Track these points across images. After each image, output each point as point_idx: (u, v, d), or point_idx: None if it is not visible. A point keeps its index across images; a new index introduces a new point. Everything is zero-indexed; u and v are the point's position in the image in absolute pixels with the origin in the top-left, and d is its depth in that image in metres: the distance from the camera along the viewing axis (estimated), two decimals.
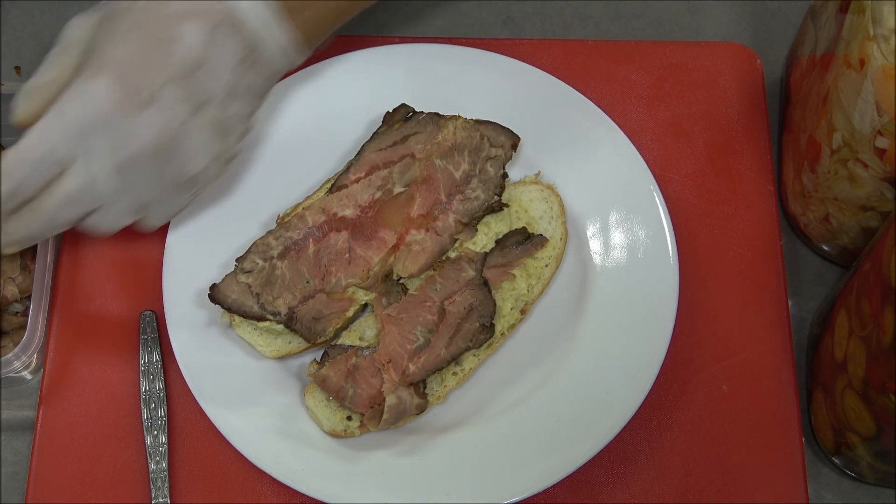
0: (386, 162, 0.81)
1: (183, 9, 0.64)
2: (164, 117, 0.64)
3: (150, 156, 0.65)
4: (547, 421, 0.77)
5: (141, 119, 0.64)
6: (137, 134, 0.64)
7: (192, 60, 0.64)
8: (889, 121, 0.67)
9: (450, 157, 0.81)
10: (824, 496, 0.80)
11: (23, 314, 0.81)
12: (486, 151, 0.81)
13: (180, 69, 0.64)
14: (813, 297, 0.85)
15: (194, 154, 0.67)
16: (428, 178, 0.80)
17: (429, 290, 0.78)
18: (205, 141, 0.67)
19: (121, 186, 0.66)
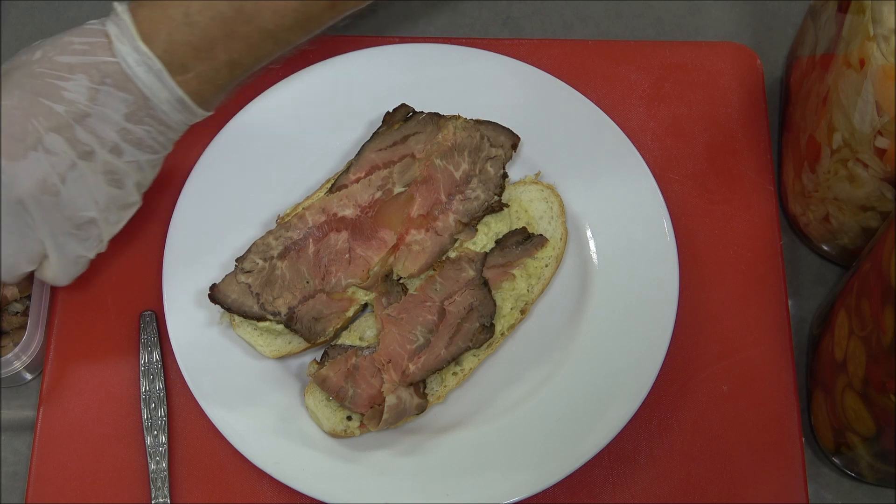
0: (386, 162, 0.81)
1: (72, 62, 0.67)
2: (48, 161, 0.66)
3: (34, 202, 0.67)
4: (547, 421, 0.77)
5: (24, 163, 0.66)
6: (20, 178, 0.66)
7: (77, 111, 0.66)
8: (889, 121, 0.67)
9: (450, 157, 0.81)
10: (824, 496, 0.80)
11: (23, 314, 0.81)
12: (486, 151, 0.81)
13: (65, 118, 0.66)
14: (813, 297, 0.85)
15: (83, 198, 0.68)
16: (428, 178, 0.80)
17: (429, 290, 0.78)
18: (95, 186, 0.69)
19: (7, 229, 0.68)
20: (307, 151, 0.85)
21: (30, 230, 0.68)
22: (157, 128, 0.70)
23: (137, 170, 0.71)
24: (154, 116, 0.69)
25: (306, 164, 0.84)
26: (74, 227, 0.70)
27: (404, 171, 0.80)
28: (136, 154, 0.70)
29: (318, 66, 0.86)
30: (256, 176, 0.84)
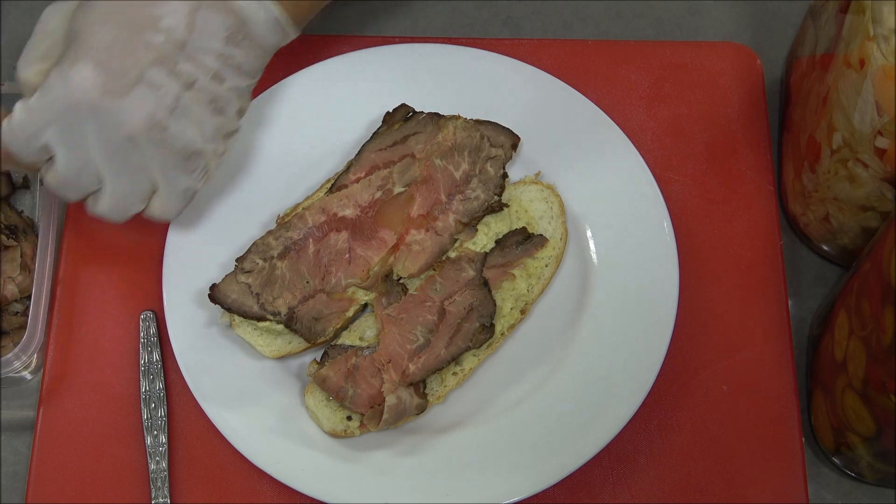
0: (386, 162, 0.81)
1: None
2: (152, 96, 0.64)
3: (144, 136, 0.65)
4: (547, 421, 0.77)
5: (128, 101, 0.64)
6: (126, 115, 0.64)
7: (176, 40, 0.64)
8: (889, 121, 0.67)
9: (450, 157, 0.81)
10: (824, 496, 0.80)
11: (23, 314, 0.81)
12: (486, 151, 0.81)
13: (164, 49, 0.64)
14: (813, 297, 0.85)
15: (190, 130, 0.67)
16: (428, 178, 0.80)
17: (429, 290, 0.78)
18: (200, 116, 0.67)
19: (118, 169, 0.66)
20: (307, 151, 0.85)
21: (140, 168, 0.67)
22: (254, 51, 0.68)
23: (238, 96, 0.69)
24: (251, 39, 0.67)
25: (306, 164, 0.84)
26: (183, 160, 0.68)
27: (404, 171, 0.80)
28: (235, 80, 0.67)
29: (318, 66, 0.86)
30: (256, 176, 0.84)
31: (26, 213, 0.86)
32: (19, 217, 0.85)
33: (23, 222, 0.84)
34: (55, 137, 0.65)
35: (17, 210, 0.86)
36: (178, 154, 0.67)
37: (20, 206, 0.87)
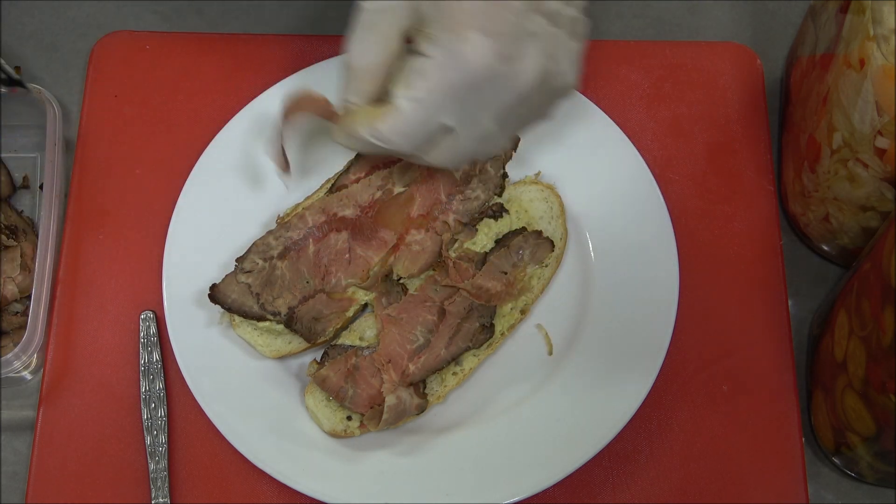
0: (386, 162, 0.81)
1: None
2: (539, 47, 0.60)
3: (535, 90, 0.61)
4: (547, 421, 0.77)
5: (521, 62, 0.59)
6: (522, 77, 0.60)
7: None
8: (889, 121, 0.67)
9: None
10: (824, 496, 0.80)
11: (23, 314, 0.82)
12: None
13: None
14: (813, 297, 0.85)
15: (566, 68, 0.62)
16: (428, 178, 0.80)
17: (429, 290, 0.78)
18: (569, 48, 0.62)
19: (507, 127, 0.63)
20: (307, 151, 0.85)
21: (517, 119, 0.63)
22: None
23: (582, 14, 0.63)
24: None
25: (306, 164, 0.84)
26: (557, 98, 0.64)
27: (404, 170, 0.80)
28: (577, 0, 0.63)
29: (318, 66, 0.86)
30: (256, 176, 0.84)
31: (26, 213, 0.86)
32: (19, 217, 0.85)
33: (23, 222, 0.84)
34: (452, 116, 0.60)
35: (17, 210, 0.86)
36: (556, 94, 0.63)
37: (20, 206, 0.87)
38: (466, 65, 0.59)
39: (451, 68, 0.59)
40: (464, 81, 0.59)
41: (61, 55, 0.92)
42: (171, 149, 0.87)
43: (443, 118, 0.60)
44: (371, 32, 0.62)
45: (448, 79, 0.59)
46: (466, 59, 0.58)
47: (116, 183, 0.86)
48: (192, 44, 0.91)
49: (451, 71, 0.59)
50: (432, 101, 0.60)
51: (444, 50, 0.59)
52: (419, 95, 0.60)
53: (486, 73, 0.59)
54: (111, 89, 0.89)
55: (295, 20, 0.94)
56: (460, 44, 0.58)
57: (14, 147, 0.88)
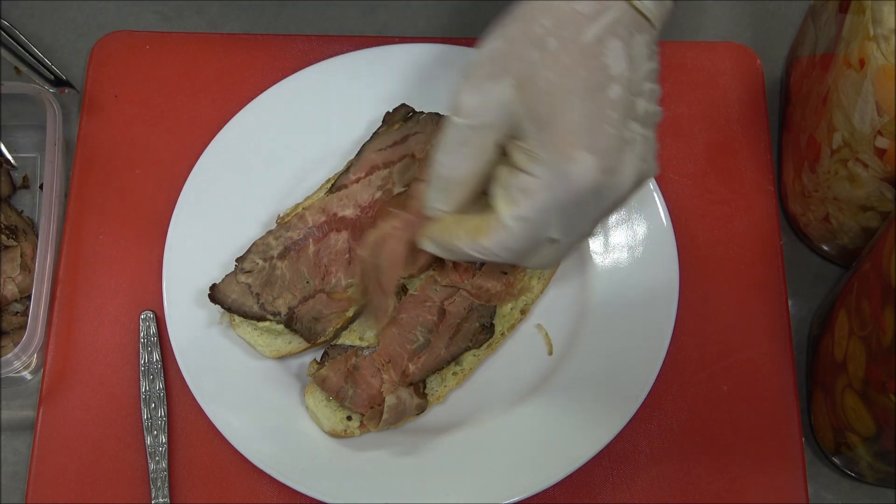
0: (386, 162, 0.81)
1: (597, 33, 0.60)
2: (633, 153, 0.61)
3: (632, 191, 0.62)
4: (547, 421, 0.77)
5: (622, 171, 0.60)
6: (623, 185, 0.61)
7: (627, 82, 0.60)
8: (889, 121, 0.67)
9: None
10: (824, 496, 0.80)
11: (23, 314, 0.81)
12: None
13: (624, 99, 0.60)
14: (813, 297, 0.85)
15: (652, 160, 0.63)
16: None
17: (429, 290, 0.78)
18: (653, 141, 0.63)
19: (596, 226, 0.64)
20: (307, 151, 0.85)
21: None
22: (657, 51, 0.63)
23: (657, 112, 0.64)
24: (655, 41, 0.63)
25: (306, 164, 0.84)
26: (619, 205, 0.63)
27: (404, 171, 0.80)
28: (657, 88, 0.63)
29: (318, 66, 0.86)
30: (256, 176, 0.84)
31: (26, 213, 0.86)
32: (19, 217, 0.85)
33: (23, 222, 0.84)
34: (557, 230, 0.61)
35: (17, 210, 0.86)
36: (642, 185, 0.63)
37: (20, 206, 0.87)
38: (574, 184, 0.59)
39: (558, 188, 0.59)
40: (570, 200, 0.60)
41: (61, 55, 0.92)
42: (171, 149, 0.87)
43: (549, 232, 0.61)
44: (464, 146, 0.62)
45: (555, 198, 0.60)
46: (573, 179, 0.59)
47: (116, 183, 0.86)
48: (192, 44, 0.91)
49: (558, 191, 0.59)
50: (540, 218, 0.60)
51: (550, 170, 0.59)
52: (526, 214, 0.60)
53: (593, 188, 0.59)
54: (111, 89, 0.89)
55: (295, 20, 0.94)
56: (567, 164, 0.59)
57: (14, 147, 0.88)
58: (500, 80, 0.61)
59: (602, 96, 0.59)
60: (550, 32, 0.60)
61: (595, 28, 0.59)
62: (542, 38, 0.60)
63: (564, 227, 0.61)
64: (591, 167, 0.59)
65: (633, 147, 0.61)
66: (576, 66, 0.59)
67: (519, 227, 0.61)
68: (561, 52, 0.59)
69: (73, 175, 0.86)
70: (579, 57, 0.59)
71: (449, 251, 0.65)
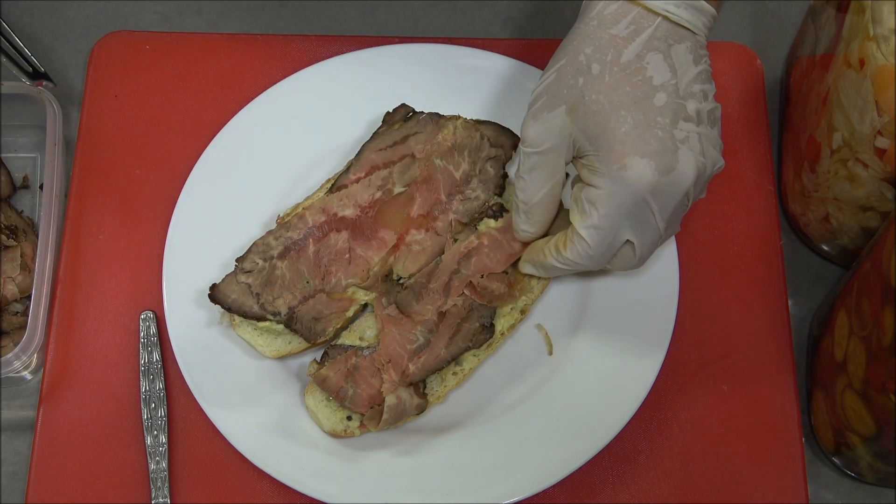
0: (386, 162, 0.81)
1: (637, 51, 0.66)
2: (689, 151, 0.65)
3: (694, 186, 0.67)
4: (547, 421, 0.77)
5: (679, 169, 0.65)
6: (682, 181, 0.65)
7: (672, 89, 0.66)
8: (889, 121, 0.67)
9: (450, 157, 0.81)
10: (824, 496, 0.80)
11: (23, 314, 0.82)
12: (486, 151, 0.81)
13: (672, 104, 0.65)
14: (813, 297, 0.85)
15: (714, 154, 0.67)
16: (428, 178, 0.80)
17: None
18: (713, 137, 0.68)
19: (672, 224, 0.69)
20: (307, 151, 0.85)
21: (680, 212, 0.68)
22: (706, 54, 0.68)
23: (714, 100, 0.68)
24: (702, 46, 0.68)
25: (306, 164, 0.84)
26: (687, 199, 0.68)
27: (404, 171, 0.80)
28: (711, 88, 0.68)
29: (318, 66, 0.86)
30: (256, 176, 0.84)
31: (26, 213, 0.86)
32: (19, 217, 0.85)
33: (23, 222, 0.84)
34: (629, 231, 0.67)
35: (17, 210, 0.86)
36: (706, 181, 0.68)
37: (20, 206, 0.87)
38: (632, 188, 0.65)
39: (620, 194, 0.65)
40: (633, 201, 0.65)
41: (61, 55, 0.92)
42: (171, 149, 0.87)
43: (622, 235, 0.67)
44: (538, 171, 0.70)
45: (618, 204, 0.66)
46: (631, 183, 0.65)
47: (116, 183, 0.86)
48: (192, 44, 0.91)
49: (619, 196, 0.65)
50: (609, 224, 0.67)
51: (610, 179, 0.65)
52: (596, 223, 0.67)
53: (651, 188, 0.65)
54: (111, 89, 0.89)
55: (295, 20, 0.94)
56: (623, 171, 0.65)
57: (14, 147, 0.88)
58: (554, 108, 0.67)
59: (648, 105, 0.65)
60: (592, 59, 0.66)
61: (633, 47, 0.66)
62: (586, 65, 0.66)
63: (635, 228, 0.67)
64: (645, 170, 0.64)
65: (689, 144, 0.65)
66: (619, 84, 0.65)
67: (592, 235, 0.68)
68: (604, 73, 0.66)
69: (73, 175, 0.86)
70: (621, 75, 0.65)
71: (543, 269, 0.74)
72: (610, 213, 0.66)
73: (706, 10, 0.67)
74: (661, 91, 0.65)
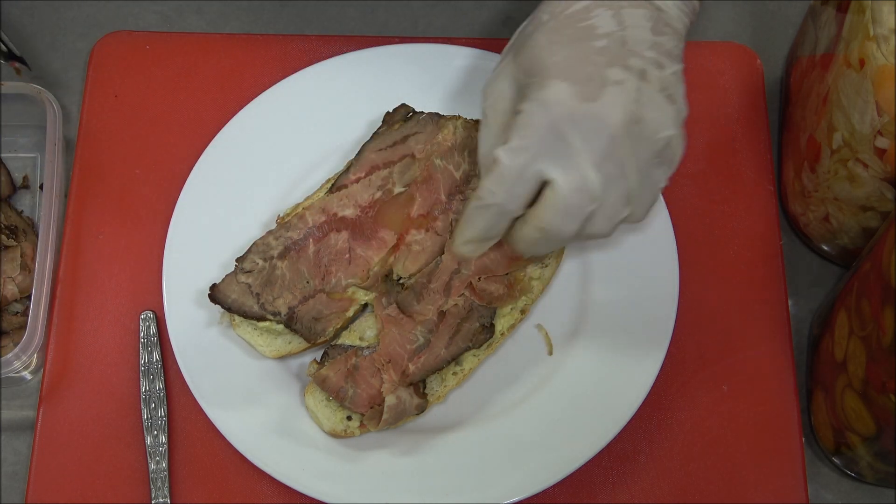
0: (386, 162, 0.81)
1: (585, 3, 0.66)
2: (621, 91, 0.64)
3: (624, 135, 0.64)
4: (547, 421, 0.77)
5: (603, 100, 0.63)
6: (606, 114, 0.63)
7: (617, 38, 0.65)
8: (889, 121, 0.67)
9: (450, 157, 0.81)
10: (824, 496, 0.80)
11: (23, 314, 0.82)
12: None
13: (612, 49, 0.64)
14: (813, 297, 0.85)
15: (658, 118, 0.65)
16: (428, 178, 0.80)
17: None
18: (660, 104, 0.66)
19: (606, 178, 0.65)
20: (307, 151, 0.85)
21: (622, 170, 0.65)
22: (675, 36, 0.68)
23: (678, 81, 0.68)
24: (668, 24, 0.67)
25: (306, 164, 0.84)
26: (657, 153, 0.66)
27: (404, 171, 0.80)
28: (672, 65, 0.67)
29: (318, 66, 0.86)
30: (256, 176, 0.84)
31: (26, 213, 0.86)
32: (19, 217, 0.85)
33: (23, 222, 0.84)
34: (547, 161, 0.64)
35: (17, 210, 0.86)
36: (654, 145, 0.66)
37: (20, 206, 0.87)
38: (548, 108, 0.63)
39: (536, 115, 0.63)
40: (548, 124, 0.63)
41: (61, 55, 0.92)
42: (171, 149, 0.87)
43: (537, 164, 0.64)
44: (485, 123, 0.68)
45: (534, 125, 0.63)
46: (547, 103, 0.63)
47: (116, 183, 0.86)
48: (192, 44, 0.91)
49: (536, 117, 0.63)
50: (523, 145, 0.63)
51: (529, 101, 0.64)
52: (513, 145, 0.64)
53: (569, 114, 0.63)
54: (111, 89, 0.89)
55: (295, 20, 0.94)
56: (540, 91, 0.63)
57: (14, 147, 0.88)
58: (506, 55, 0.68)
59: (586, 45, 0.64)
60: (544, 10, 0.67)
61: (584, 1, 0.66)
62: (538, 16, 0.67)
63: (550, 157, 0.63)
64: (562, 92, 0.63)
65: (623, 87, 0.64)
66: (561, 26, 0.65)
67: (505, 157, 0.64)
68: (550, 20, 0.66)
69: (73, 175, 0.86)
70: (565, 20, 0.65)
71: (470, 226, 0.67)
72: (526, 135, 0.63)
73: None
74: (604, 38, 0.64)
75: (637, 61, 0.65)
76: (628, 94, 0.64)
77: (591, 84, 0.63)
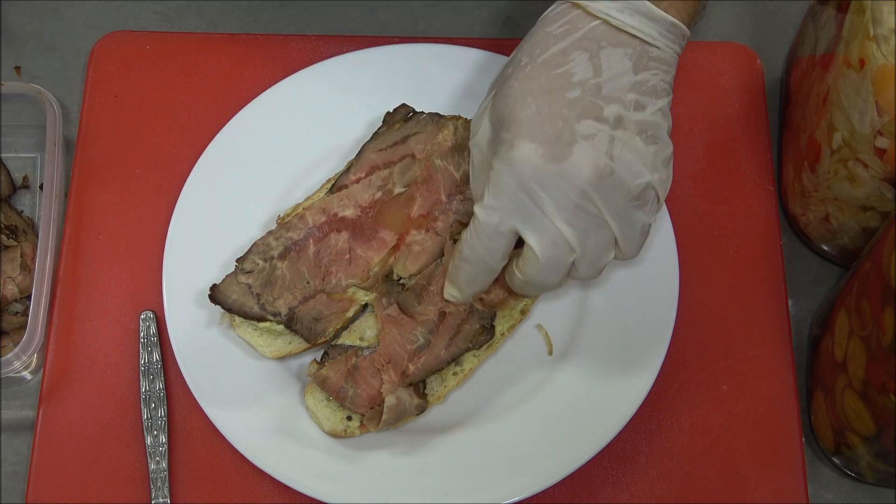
0: (386, 162, 0.81)
1: (563, 47, 0.66)
2: (590, 147, 0.64)
3: (594, 189, 0.65)
4: (547, 421, 0.77)
5: (570, 161, 0.64)
6: (574, 172, 0.64)
7: (592, 87, 0.65)
8: (889, 121, 0.67)
9: (450, 157, 0.81)
10: (824, 496, 0.80)
11: (23, 314, 0.82)
12: None
13: (585, 101, 0.65)
14: (813, 297, 0.85)
15: (634, 165, 0.66)
16: (428, 178, 0.80)
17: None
18: (637, 149, 0.66)
19: (583, 227, 0.66)
20: (307, 151, 0.85)
21: (599, 219, 0.66)
22: (662, 67, 0.67)
23: (663, 117, 0.68)
24: (653, 57, 0.67)
25: (306, 164, 0.84)
26: (634, 198, 0.66)
27: (404, 171, 0.80)
28: (655, 103, 0.67)
29: (318, 66, 0.86)
30: (256, 176, 0.84)
31: (26, 213, 0.86)
32: (19, 217, 0.85)
33: (23, 222, 0.84)
34: (518, 220, 0.66)
35: (17, 210, 0.86)
36: (629, 192, 0.66)
37: (20, 206, 0.87)
38: (515, 170, 0.64)
39: (505, 174, 0.65)
40: (517, 185, 0.64)
41: (61, 55, 0.92)
42: (171, 149, 0.87)
43: (508, 221, 0.66)
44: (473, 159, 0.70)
45: (504, 184, 0.65)
46: (514, 164, 0.64)
47: (116, 183, 0.86)
48: (192, 44, 0.91)
49: (505, 177, 0.65)
50: (497, 204, 0.66)
51: (500, 160, 0.65)
52: (487, 203, 0.66)
53: (536, 174, 0.64)
54: (111, 89, 0.89)
55: (295, 20, 0.94)
56: (510, 152, 0.64)
57: (14, 147, 0.88)
58: (490, 90, 0.69)
59: (558, 97, 0.65)
60: (524, 52, 0.67)
61: (561, 44, 0.66)
62: (518, 58, 0.67)
63: (522, 217, 0.65)
64: (530, 154, 0.64)
65: (593, 142, 0.64)
66: (536, 73, 0.65)
67: (481, 215, 0.66)
68: (527, 64, 0.66)
69: (73, 175, 0.86)
70: (541, 67, 0.66)
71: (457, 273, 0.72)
72: (497, 194, 0.65)
73: (660, 19, 0.66)
74: (578, 87, 0.65)
75: (613, 108, 0.65)
76: (598, 149, 0.64)
77: (559, 144, 0.64)
